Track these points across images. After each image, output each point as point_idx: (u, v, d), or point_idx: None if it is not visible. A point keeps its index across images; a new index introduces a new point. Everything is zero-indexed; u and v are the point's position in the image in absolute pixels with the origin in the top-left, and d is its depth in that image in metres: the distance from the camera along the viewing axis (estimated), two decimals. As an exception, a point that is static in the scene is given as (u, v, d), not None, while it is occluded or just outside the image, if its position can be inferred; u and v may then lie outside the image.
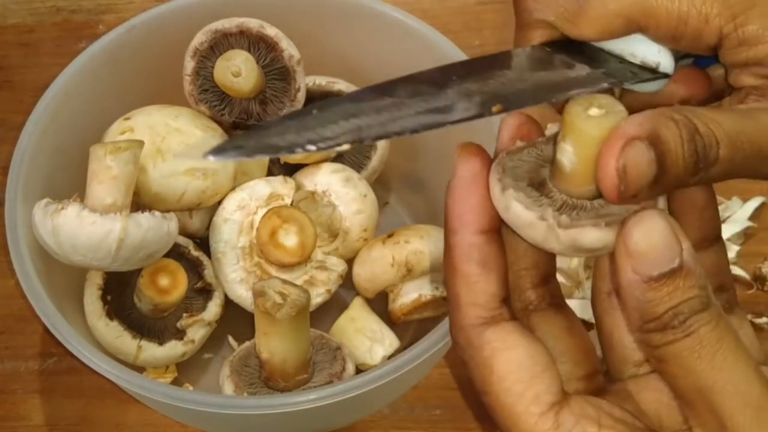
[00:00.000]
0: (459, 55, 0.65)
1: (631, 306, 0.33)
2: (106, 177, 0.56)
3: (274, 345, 0.58)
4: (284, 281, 0.57)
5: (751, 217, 0.75)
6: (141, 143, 0.57)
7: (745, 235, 0.75)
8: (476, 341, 0.35)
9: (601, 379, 0.38)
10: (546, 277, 0.38)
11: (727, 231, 0.74)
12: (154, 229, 0.58)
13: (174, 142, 0.62)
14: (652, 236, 0.32)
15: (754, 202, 0.76)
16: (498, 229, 0.36)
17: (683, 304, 0.32)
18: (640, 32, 0.39)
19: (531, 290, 0.38)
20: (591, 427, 0.33)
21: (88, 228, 0.55)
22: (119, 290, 0.64)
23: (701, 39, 0.38)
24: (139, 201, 0.61)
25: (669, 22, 0.38)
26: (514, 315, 0.36)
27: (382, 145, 0.70)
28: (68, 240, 0.56)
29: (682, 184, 0.33)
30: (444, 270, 0.37)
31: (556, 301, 0.38)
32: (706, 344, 0.32)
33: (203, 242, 0.66)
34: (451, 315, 0.36)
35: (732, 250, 0.73)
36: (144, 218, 0.57)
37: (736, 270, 0.73)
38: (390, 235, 0.66)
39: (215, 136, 0.64)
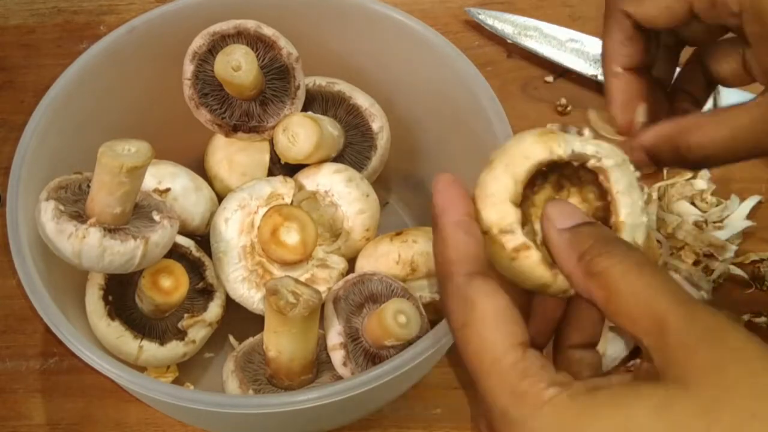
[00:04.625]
0: (459, 56, 0.65)
1: (564, 254, 0.41)
2: (119, 191, 0.56)
3: (283, 344, 0.58)
4: (297, 281, 0.57)
5: (749, 216, 0.75)
6: (152, 152, 0.57)
7: (744, 235, 0.75)
8: (463, 287, 0.41)
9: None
10: None
11: (726, 231, 0.74)
12: (168, 240, 0.60)
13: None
14: (564, 206, 0.43)
15: (752, 201, 0.76)
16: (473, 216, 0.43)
17: (602, 237, 0.41)
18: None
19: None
20: (551, 368, 0.38)
21: (110, 257, 0.57)
22: (121, 290, 0.64)
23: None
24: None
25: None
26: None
27: (382, 145, 0.70)
28: (90, 262, 0.57)
29: None
30: (433, 246, 0.43)
31: None
32: (628, 257, 0.39)
33: (204, 241, 0.67)
34: (441, 270, 0.42)
35: (730, 250, 0.73)
36: (160, 236, 0.59)
37: (735, 270, 0.73)
38: (398, 233, 0.66)
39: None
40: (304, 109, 0.68)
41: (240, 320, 0.67)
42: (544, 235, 0.42)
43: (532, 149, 0.43)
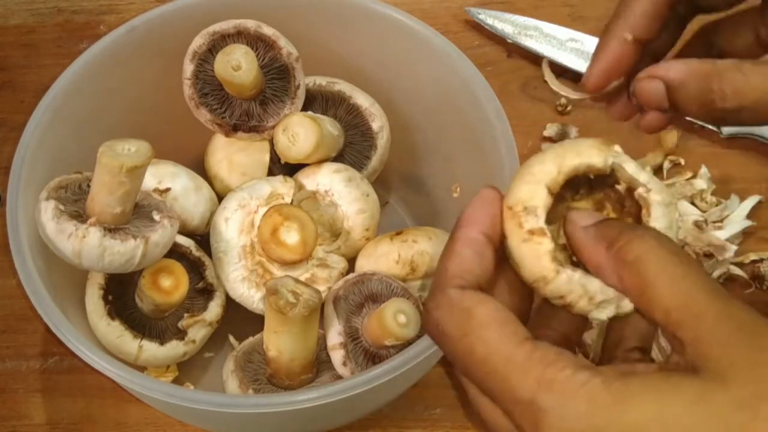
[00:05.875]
0: (458, 56, 0.65)
1: (590, 247, 0.40)
2: (119, 191, 0.56)
3: (283, 343, 0.58)
4: (297, 280, 0.57)
5: (749, 216, 0.75)
6: (152, 152, 0.57)
7: (744, 235, 0.75)
8: (456, 298, 0.39)
9: None
10: None
11: (726, 230, 0.74)
12: (168, 240, 0.60)
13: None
14: (587, 212, 0.41)
15: (752, 201, 0.76)
16: (496, 249, 0.41)
17: (627, 226, 0.40)
18: None
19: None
20: (567, 353, 0.37)
21: (110, 256, 0.57)
22: (121, 290, 0.64)
23: None
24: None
25: None
26: None
27: (382, 145, 0.70)
28: (90, 261, 0.57)
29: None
30: (441, 255, 0.42)
31: None
32: (662, 244, 0.38)
33: (204, 240, 0.67)
34: (434, 284, 0.41)
35: (730, 250, 0.73)
36: (160, 236, 0.59)
37: (735, 270, 0.73)
38: (398, 233, 0.66)
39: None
40: (304, 108, 0.68)
41: (240, 320, 0.67)
42: (568, 236, 0.41)
43: (588, 151, 0.42)
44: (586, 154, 0.42)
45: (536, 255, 0.41)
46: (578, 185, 0.43)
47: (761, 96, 0.43)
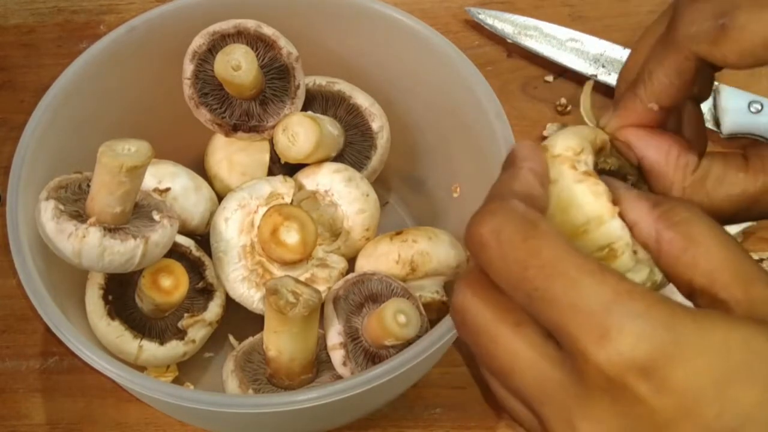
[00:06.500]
0: (458, 56, 0.65)
1: (632, 199, 0.39)
2: (119, 190, 0.56)
3: (283, 343, 0.58)
4: (297, 280, 0.57)
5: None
6: (151, 152, 0.57)
7: (744, 235, 0.75)
8: (521, 209, 0.36)
9: None
10: None
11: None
12: (168, 239, 0.60)
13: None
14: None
15: (753, 202, 0.76)
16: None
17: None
18: None
19: None
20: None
21: (110, 256, 0.57)
22: (120, 290, 0.64)
23: None
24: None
25: None
26: None
27: (382, 144, 0.70)
28: (90, 261, 0.57)
29: None
30: (497, 180, 0.39)
31: None
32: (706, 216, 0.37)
33: (204, 240, 0.67)
34: (494, 192, 0.38)
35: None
36: (160, 236, 0.59)
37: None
38: (398, 233, 0.66)
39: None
40: (304, 108, 0.68)
41: (240, 320, 0.67)
42: (609, 186, 0.40)
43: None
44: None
45: (592, 195, 0.40)
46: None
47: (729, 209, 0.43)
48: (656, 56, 0.42)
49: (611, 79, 0.82)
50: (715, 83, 0.79)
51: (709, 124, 0.79)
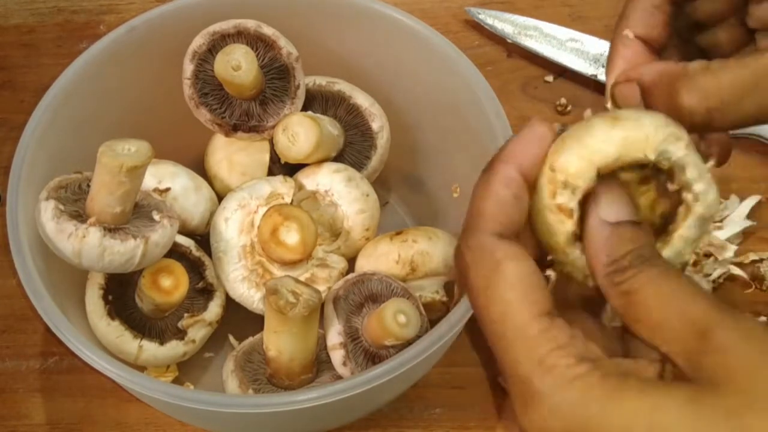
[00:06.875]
0: (458, 56, 0.65)
1: (596, 248, 0.38)
2: (119, 190, 0.56)
3: (283, 343, 0.58)
4: (297, 280, 0.57)
5: (749, 216, 0.75)
6: (151, 152, 0.57)
7: (744, 234, 0.75)
8: (489, 245, 0.38)
9: None
10: None
11: (726, 230, 0.74)
12: (168, 239, 0.60)
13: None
14: (617, 195, 0.39)
15: (752, 201, 0.76)
16: (532, 191, 0.40)
17: (641, 249, 0.38)
18: None
19: None
20: (579, 339, 0.37)
21: (110, 256, 0.57)
22: (121, 290, 0.64)
23: None
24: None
25: None
26: None
27: (382, 144, 0.70)
28: (90, 261, 0.57)
29: None
30: (475, 188, 0.40)
31: None
32: (661, 276, 0.37)
33: (204, 240, 0.67)
34: (469, 222, 0.40)
35: (730, 250, 0.73)
36: (160, 236, 0.59)
37: (735, 270, 0.73)
38: (398, 233, 0.66)
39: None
40: (304, 108, 0.68)
41: (240, 320, 0.67)
42: (586, 216, 0.40)
43: (655, 138, 0.39)
44: (652, 147, 0.39)
45: (553, 232, 0.40)
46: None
47: (729, 94, 0.41)
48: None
49: (611, 79, 0.82)
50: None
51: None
